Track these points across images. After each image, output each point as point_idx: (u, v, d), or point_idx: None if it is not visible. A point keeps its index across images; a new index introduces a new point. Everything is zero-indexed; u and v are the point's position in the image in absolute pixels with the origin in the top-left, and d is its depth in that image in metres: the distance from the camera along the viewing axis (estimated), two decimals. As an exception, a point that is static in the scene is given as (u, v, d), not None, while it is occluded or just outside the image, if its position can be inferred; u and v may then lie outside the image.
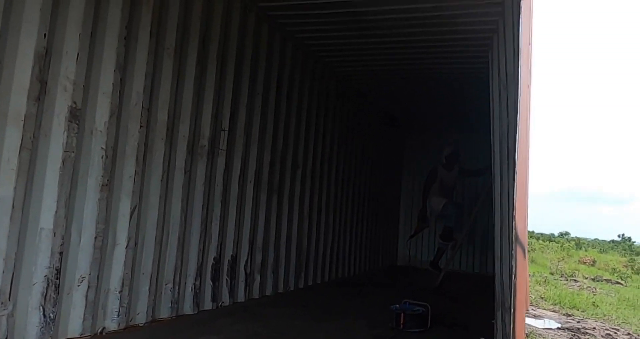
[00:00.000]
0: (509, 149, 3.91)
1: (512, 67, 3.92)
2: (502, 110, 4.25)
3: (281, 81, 5.49)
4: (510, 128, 3.88)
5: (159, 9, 3.76)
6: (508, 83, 4.03)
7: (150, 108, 3.73)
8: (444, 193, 7.35)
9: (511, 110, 3.48)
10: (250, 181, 5.00)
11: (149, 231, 3.75)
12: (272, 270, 5.43)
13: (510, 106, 3.89)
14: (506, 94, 4.08)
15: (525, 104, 2.49)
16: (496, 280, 4.47)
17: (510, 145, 3.86)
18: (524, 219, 2.40)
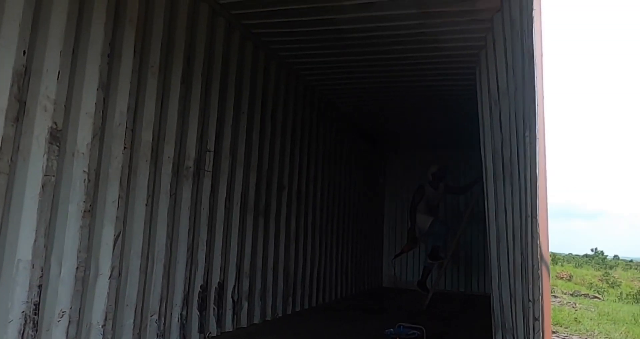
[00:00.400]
0: (503, 164, 3.86)
1: (504, 82, 3.90)
2: (495, 126, 4.22)
3: (266, 100, 5.37)
4: (504, 144, 3.83)
5: (142, 26, 3.61)
6: (500, 98, 4.01)
7: (135, 129, 3.55)
8: (430, 211, 7.28)
9: (515, 124, 3.42)
10: (237, 203, 4.82)
11: (134, 260, 3.52)
12: (260, 297, 5.21)
13: (505, 120, 3.85)
14: (498, 109, 4.06)
15: (542, 118, 2.42)
16: (494, 301, 4.37)
17: (505, 160, 3.80)
18: (546, 238, 2.31)
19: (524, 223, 2.95)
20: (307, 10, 4.53)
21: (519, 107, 3.31)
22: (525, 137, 2.81)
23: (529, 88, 2.70)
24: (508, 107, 3.75)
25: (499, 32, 4.04)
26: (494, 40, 4.21)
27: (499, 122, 4.03)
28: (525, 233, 2.82)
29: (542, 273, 2.26)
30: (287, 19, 4.72)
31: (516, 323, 3.41)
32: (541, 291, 2.27)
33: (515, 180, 3.37)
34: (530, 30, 2.59)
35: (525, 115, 2.86)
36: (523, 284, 3.05)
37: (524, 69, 2.96)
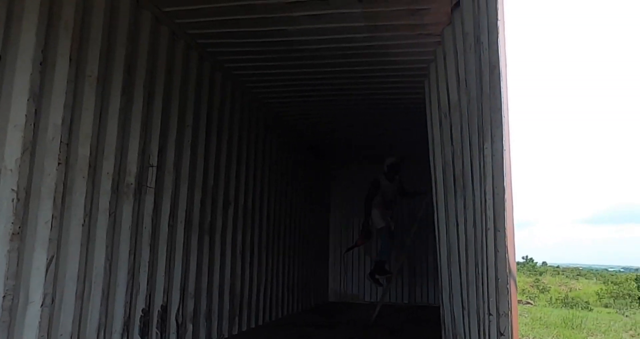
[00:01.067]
0: (455, 177, 3.89)
1: (455, 95, 3.94)
2: (445, 138, 4.25)
3: (211, 113, 5.18)
4: (455, 156, 3.86)
5: (79, 34, 3.36)
6: (451, 111, 4.04)
7: (70, 143, 3.28)
8: (386, 206, 7.20)
9: (469, 137, 3.42)
10: (181, 221, 4.58)
11: (69, 285, 3.23)
12: (205, 318, 4.97)
13: (456, 133, 3.88)
14: (449, 122, 4.09)
15: (507, 129, 2.42)
16: (444, 313, 4.38)
17: (457, 173, 3.83)
18: (513, 251, 2.30)
19: (480, 236, 2.94)
20: (255, 21, 4.42)
21: (472, 119, 3.33)
22: (485, 148, 2.80)
23: (491, 99, 2.69)
24: (459, 120, 3.78)
25: (450, 45, 4.08)
26: (444, 54, 4.26)
27: (450, 135, 4.06)
28: (484, 247, 2.81)
29: (511, 287, 2.24)
30: (234, 30, 4.59)
31: (470, 336, 3.41)
32: (510, 305, 2.26)
33: (469, 193, 3.38)
34: (493, 42, 2.59)
35: (484, 127, 2.86)
36: (479, 298, 3.04)
37: (482, 81, 2.97)
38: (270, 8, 4.19)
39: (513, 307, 2.24)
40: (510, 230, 2.37)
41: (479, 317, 3.09)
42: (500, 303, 2.47)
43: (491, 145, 2.70)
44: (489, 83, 2.78)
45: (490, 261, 2.70)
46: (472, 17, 3.38)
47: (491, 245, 2.61)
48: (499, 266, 2.46)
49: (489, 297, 2.72)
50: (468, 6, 3.49)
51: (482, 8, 2.97)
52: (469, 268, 3.46)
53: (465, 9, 3.56)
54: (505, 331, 2.36)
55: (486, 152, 2.78)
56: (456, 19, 3.88)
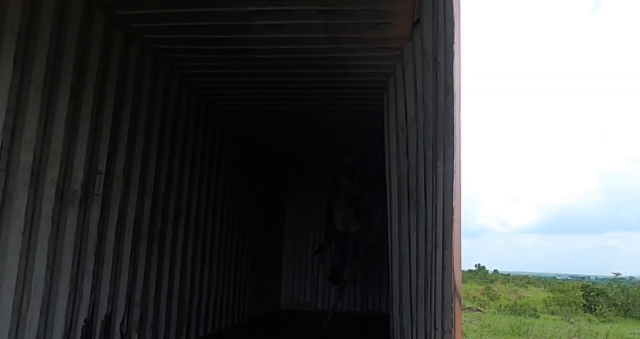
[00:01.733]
0: (409, 191, 3.96)
1: (412, 111, 4.01)
2: (401, 152, 4.32)
3: (165, 119, 5.10)
4: (410, 171, 3.94)
5: (25, 35, 3.25)
6: (408, 126, 4.12)
7: (12, 149, 3.16)
8: (349, 204, 7.20)
9: (424, 152, 3.47)
10: (129, 230, 4.48)
11: (5, 297, 3.11)
12: (152, 327, 4.87)
13: (412, 148, 3.95)
14: (405, 136, 4.16)
15: (459, 150, 2.47)
16: (393, 323, 4.45)
17: (411, 187, 3.90)
18: (459, 270, 2.36)
19: (430, 251, 3.00)
20: (214, 28, 4.37)
21: (427, 136, 3.36)
22: (437, 167, 2.85)
23: (445, 120, 2.73)
24: (416, 135, 3.84)
25: (409, 61, 4.13)
26: (404, 69, 4.31)
27: (406, 149, 4.13)
28: (433, 262, 2.87)
29: (455, 306, 2.30)
30: (192, 36, 4.53)
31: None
32: (454, 323, 2.31)
33: (422, 207, 3.44)
34: (449, 63, 2.62)
35: (438, 146, 2.90)
36: (427, 310, 3.11)
37: (437, 100, 3.00)
38: (229, 16, 4.15)
39: (457, 324, 2.30)
40: (457, 249, 2.41)
41: (426, 330, 3.16)
42: (444, 320, 2.53)
43: (443, 165, 2.75)
44: (443, 104, 2.82)
45: (438, 278, 2.75)
46: (430, 35, 3.39)
47: (439, 262, 2.67)
48: (445, 284, 2.52)
49: (435, 312, 2.77)
50: (428, 24, 3.52)
51: (441, 28, 2.99)
52: (418, 281, 3.52)
53: (425, 27, 3.59)
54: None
55: (438, 170, 2.83)
56: (416, 35, 3.91)
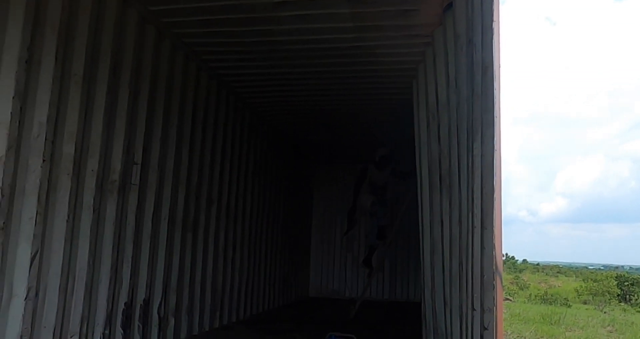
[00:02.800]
0: (441, 176, 3.99)
1: (444, 95, 4.02)
2: (432, 138, 4.34)
3: (196, 112, 5.25)
4: (442, 156, 3.97)
5: (65, 33, 3.42)
6: (439, 111, 4.14)
7: (55, 141, 3.34)
8: (373, 191, 7.35)
9: (457, 136, 3.49)
10: (165, 218, 4.66)
11: (52, 279, 3.31)
12: (187, 312, 5.07)
13: (444, 133, 3.97)
14: (436, 122, 4.19)
15: (499, 129, 2.51)
16: (426, 308, 4.49)
17: (443, 172, 3.94)
18: (500, 248, 2.43)
19: (466, 234, 3.04)
20: (241, 21, 4.44)
21: (461, 119, 3.38)
22: (474, 148, 2.87)
23: (482, 99, 2.75)
24: (448, 120, 3.85)
25: (440, 46, 4.13)
26: (434, 55, 4.30)
27: (437, 135, 4.14)
28: (469, 244, 2.90)
29: (497, 283, 2.35)
30: (220, 29, 4.62)
31: (451, 330, 3.52)
32: (495, 301, 2.37)
33: (455, 192, 3.47)
34: (487, 42, 2.65)
35: (474, 127, 2.92)
36: (462, 293, 3.15)
37: (473, 82, 3.02)
38: (256, 8, 4.21)
39: (498, 303, 2.35)
40: (497, 228, 2.45)
41: (461, 312, 3.20)
42: (485, 299, 2.56)
43: (481, 145, 2.76)
44: (480, 84, 2.82)
45: (475, 258, 2.77)
46: (465, 18, 3.40)
47: (477, 243, 2.70)
48: (485, 263, 2.55)
49: (473, 293, 2.79)
50: (461, 8, 3.52)
51: (477, 9, 3.00)
52: (452, 265, 3.56)
53: (458, 11, 3.58)
54: (490, 325, 2.47)
55: (475, 151, 2.84)
56: (448, 20, 3.91)
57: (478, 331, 2.64)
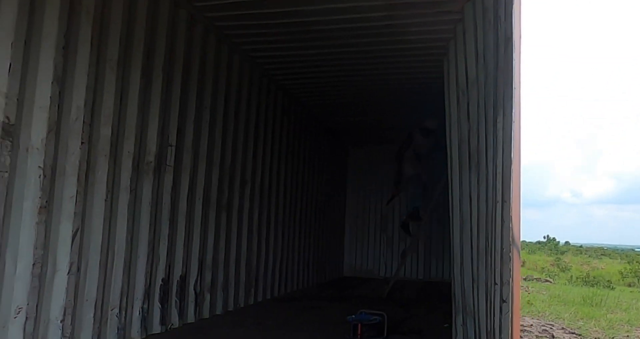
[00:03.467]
0: (470, 153, 3.97)
1: (473, 71, 3.98)
2: (462, 116, 4.31)
3: (229, 94, 5.35)
4: (471, 133, 3.94)
5: (99, 19, 3.54)
6: (469, 88, 4.10)
7: (92, 124, 3.50)
8: (418, 158, 7.37)
9: (485, 113, 3.47)
10: (199, 198, 4.82)
11: (93, 255, 3.50)
12: (222, 288, 5.25)
13: (473, 110, 3.94)
14: (466, 99, 4.15)
15: (518, 101, 2.49)
16: (455, 286, 4.52)
17: (472, 149, 3.91)
18: (518, 221, 2.42)
19: (491, 209, 3.03)
20: (273, 2, 4.49)
21: (489, 95, 3.35)
22: (497, 123, 2.86)
23: (504, 73, 2.72)
24: (477, 96, 3.82)
25: (470, 21, 4.08)
26: (464, 30, 4.26)
27: (467, 112, 4.11)
28: (493, 219, 2.91)
29: (514, 255, 2.35)
30: (251, 11, 4.67)
31: (478, 307, 3.54)
32: (512, 273, 2.38)
33: (483, 168, 3.46)
34: (509, 14, 2.62)
35: (497, 102, 2.91)
36: (487, 268, 3.16)
37: (498, 55, 2.99)
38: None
39: (515, 274, 2.35)
40: (515, 200, 2.44)
41: (487, 287, 3.20)
42: (503, 271, 2.57)
43: (502, 119, 2.76)
44: (503, 57, 2.81)
45: (497, 232, 2.79)
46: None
47: (499, 217, 2.71)
48: (504, 236, 2.56)
49: (495, 267, 2.80)
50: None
51: None
52: (479, 240, 3.56)
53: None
54: (507, 298, 2.48)
55: (498, 126, 2.84)
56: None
57: (498, 305, 2.65)
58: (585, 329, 8.80)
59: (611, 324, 9.57)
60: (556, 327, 8.97)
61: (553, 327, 8.95)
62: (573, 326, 8.98)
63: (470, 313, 3.81)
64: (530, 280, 17.29)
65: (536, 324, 9.06)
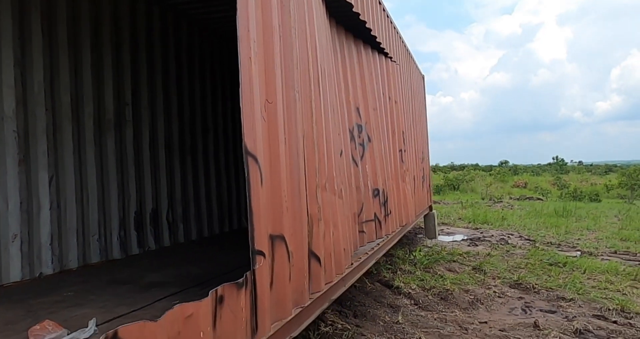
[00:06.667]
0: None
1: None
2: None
3: (180, 56, 6.24)
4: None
5: (47, 9, 4.46)
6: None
7: (53, 94, 4.51)
8: None
9: None
10: (162, 146, 5.84)
11: (69, 195, 4.61)
12: (195, 219, 6.39)
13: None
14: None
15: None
16: None
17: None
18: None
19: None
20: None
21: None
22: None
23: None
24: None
25: None
26: None
27: None
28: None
29: (250, 163, 2.41)
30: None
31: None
32: (249, 181, 3.28)
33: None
34: None
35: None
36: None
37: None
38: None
39: (253, 182, 3.21)
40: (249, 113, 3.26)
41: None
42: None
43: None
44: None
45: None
46: None
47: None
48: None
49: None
50: None
51: None
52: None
53: None
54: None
55: None
56: None
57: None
58: (541, 236, 9.85)
59: (568, 230, 10.58)
60: (514, 236, 10.03)
61: (511, 236, 10.02)
62: (534, 235, 10.03)
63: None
64: (523, 200, 18.21)
65: (497, 235, 10.15)
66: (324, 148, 3.45)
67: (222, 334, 2.07)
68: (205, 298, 1.94)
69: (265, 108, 2.67)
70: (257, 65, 2.55)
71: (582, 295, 5.64)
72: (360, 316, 5.01)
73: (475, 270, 7.05)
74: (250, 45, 2.49)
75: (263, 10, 2.69)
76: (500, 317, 5.09)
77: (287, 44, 2.98)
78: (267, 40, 2.70)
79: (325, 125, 3.58)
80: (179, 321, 1.80)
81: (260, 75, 2.59)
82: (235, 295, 2.18)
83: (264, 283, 2.44)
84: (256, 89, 2.50)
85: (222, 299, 2.11)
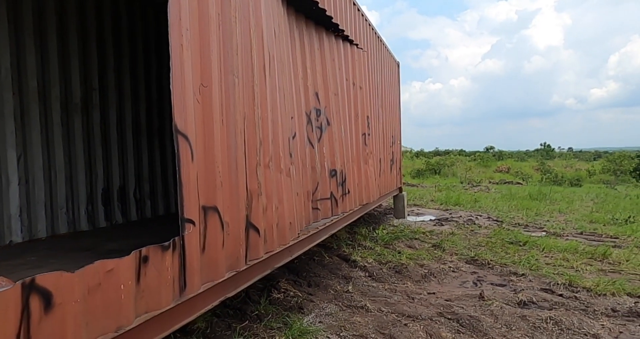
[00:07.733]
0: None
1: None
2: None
3: (147, 41, 6.51)
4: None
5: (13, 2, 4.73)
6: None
7: (20, 79, 4.81)
8: None
9: None
10: (129, 128, 6.16)
11: (37, 172, 4.96)
12: (162, 196, 6.73)
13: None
14: None
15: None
16: None
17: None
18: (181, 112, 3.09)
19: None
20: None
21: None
22: None
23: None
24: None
25: None
26: None
27: None
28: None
29: (180, 141, 3.48)
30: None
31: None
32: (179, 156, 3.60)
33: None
34: None
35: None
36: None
37: None
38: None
39: (184, 161, 3.57)
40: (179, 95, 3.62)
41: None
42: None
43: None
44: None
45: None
46: None
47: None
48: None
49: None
50: None
51: None
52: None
53: None
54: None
55: None
56: None
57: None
58: (510, 218, 10.19)
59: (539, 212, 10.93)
60: (483, 217, 10.42)
61: (479, 217, 10.41)
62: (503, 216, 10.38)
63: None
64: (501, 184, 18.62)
65: (465, 216, 10.52)
66: (268, 130, 3.70)
67: (146, 288, 2.40)
68: (127, 256, 2.25)
69: (200, 91, 2.93)
70: (191, 51, 2.77)
71: (535, 271, 5.85)
72: (314, 286, 5.36)
73: (435, 246, 7.36)
74: (182, 33, 2.71)
75: (199, 0, 2.91)
76: (449, 289, 5.34)
77: (226, 32, 3.20)
78: (202, 28, 2.92)
79: (272, 108, 3.82)
80: (100, 274, 2.12)
81: (195, 61, 2.81)
82: (160, 256, 2.51)
83: (193, 248, 2.74)
84: (188, 73, 2.72)
85: (146, 259, 2.43)
